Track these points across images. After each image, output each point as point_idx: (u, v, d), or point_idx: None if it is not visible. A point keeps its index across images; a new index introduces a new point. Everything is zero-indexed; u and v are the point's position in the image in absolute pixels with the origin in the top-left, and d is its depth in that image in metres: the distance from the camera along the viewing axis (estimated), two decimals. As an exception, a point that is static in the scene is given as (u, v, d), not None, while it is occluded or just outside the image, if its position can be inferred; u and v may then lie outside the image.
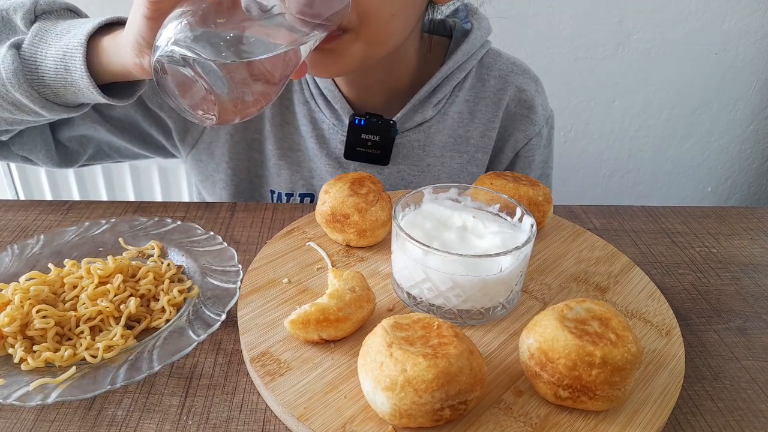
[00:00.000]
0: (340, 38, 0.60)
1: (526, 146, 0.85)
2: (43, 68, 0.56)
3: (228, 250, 0.59)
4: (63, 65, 0.56)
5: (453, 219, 0.56)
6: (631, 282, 0.58)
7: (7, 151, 0.71)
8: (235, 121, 0.47)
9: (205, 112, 0.45)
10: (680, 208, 0.79)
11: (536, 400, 0.44)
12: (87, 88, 0.56)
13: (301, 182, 0.83)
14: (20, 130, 0.70)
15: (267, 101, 0.48)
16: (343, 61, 0.63)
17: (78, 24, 0.58)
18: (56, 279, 0.53)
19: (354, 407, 0.42)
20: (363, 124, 0.76)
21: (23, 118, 0.61)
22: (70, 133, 0.74)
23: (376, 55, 0.65)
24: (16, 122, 0.63)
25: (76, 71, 0.55)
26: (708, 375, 0.51)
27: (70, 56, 0.55)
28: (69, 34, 0.57)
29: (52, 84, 0.57)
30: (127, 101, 0.61)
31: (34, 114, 0.60)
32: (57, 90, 0.58)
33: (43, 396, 0.42)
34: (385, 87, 0.78)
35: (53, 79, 0.57)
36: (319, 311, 0.46)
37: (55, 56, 0.56)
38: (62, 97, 0.59)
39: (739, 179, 1.86)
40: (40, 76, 0.57)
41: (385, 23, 0.62)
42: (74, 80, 0.56)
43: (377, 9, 0.60)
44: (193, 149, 0.83)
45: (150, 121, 0.79)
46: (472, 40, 0.77)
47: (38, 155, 0.72)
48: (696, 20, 1.56)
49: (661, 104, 1.69)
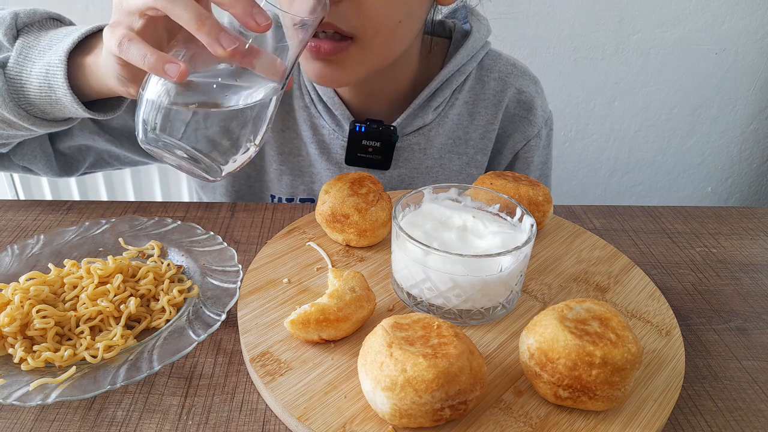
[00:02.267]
0: (347, 50, 0.60)
1: (524, 147, 0.85)
2: (29, 87, 0.56)
3: (228, 250, 0.59)
4: (46, 83, 0.55)
5: (453, 219, 0.56)
6: (631, 282, 0.58)
7: (9, 161, 0.71)
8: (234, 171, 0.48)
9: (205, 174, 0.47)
10: (680, 208, 0.79)
11: (536, 400, 0.44)
12: (71, 104, 0.55)
13: (302, 187, 0.83)
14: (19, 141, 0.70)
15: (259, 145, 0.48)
16: (350, 71, 0.63)
17: (60, 37, 0.56)
18: (56, 279, 0.53)
19: (354, 407, 0.42)
20: (363, 130, 0.76)
21: (16, 133, 0.61)
22: (70, 143, 0.74)
23: (383, 63, 0.65)
24: (10, 137, 0.63)
25: (59, 89, 0.54)
26: (708, 375, 0.51)
27: (52, 75, 0.54)
28: (51, 50, 0.55)
29: (37, 102, 0.56)
30: (114, 114, 0.61)
31: (26, 129, 0.60)
32: (43, 107, 0.57)
33: (43, 396, 0.42)
34: (387, 92, 0.78)
35: (38, 97, 0.56)
36: (319, 311, 0.46)
37: (38, 74, 0.55)
38: (50, 114, 0.58)
39: (739, 179, 1.86)
40: (26, 94, 0.56)
41: (392, 31, 0.61)
42: (58, 98, 0.55)
43: (383, 17, 0.59)
44: None
45: None
46: (472, 42, 0.77)
47: (38, 165, 0.72)
48: (696, 20, 1.56)
49: (661, 104, 1.69)
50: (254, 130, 0.46)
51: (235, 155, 0.46)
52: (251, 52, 0.44)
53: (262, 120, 0.46)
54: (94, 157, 0.80)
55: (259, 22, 0.42)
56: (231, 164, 0.46)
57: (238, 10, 0.41)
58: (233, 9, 0.42)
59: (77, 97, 0.55)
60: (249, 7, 0.42)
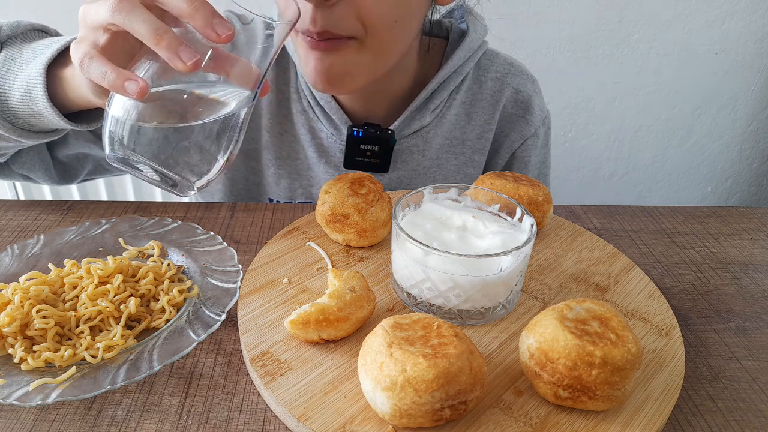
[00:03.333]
0: (346, 44, 0.60)
1: (522, 147, 0.85)
2: (12, 100, 0.56)
3: (228, 250, 0.59)
4: (28, 96, 0.55)
5: (453, 219, 0.56)
6: (631, 282, 0.58)
7: (8, 170, 0.71)
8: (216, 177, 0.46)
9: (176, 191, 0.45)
10: (680, 208, 0.79)
11: (536, 400, 0.44)
12: (52, 117, 0.55)
13: (300, 190, 0.83)
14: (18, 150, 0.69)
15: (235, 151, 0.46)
16: (353, 76, 0.63)
17: (41, 49, 0.56)
18: (56, 279, 0.53)
19: (354, 407, 0.42)
20: (361, 135, 0.76)
21: (7, 144, 0.61)
22: (67, 151, 0.74)
23: (384, 66, 0.65)
24: (2, 148, 0.63)
25: (39, 101, 0.54)
26: (708, 375, 0.51)
27: (32, 87, 0.54)
28: (32, 62, 0.55)
29: (21, 115, 0.57)
30: (98, 125, 0.60)
31: (15, 141, 0.60)
32: (28, 120, 0.57)
33: (43, 396, 0.42)
34: (385, 95, 0.78)
35: (21, 110, 0.56)
36: (319, 311, 0.46)
37: (20, 87, 0.55)
38: (35, 126, 0.58)
39: (739, 179, 1.86)
40: (11, 107, 0.56)
41: (388, 29, 0.61)
42: (40, 110, 0.55)
43: (378, 17, 0.59)
44: None
45: None
46: (469, 43, 0.76)
47: (38, 174, 0.72)
48: (696, 20, 1.56)
49: (661, 104, 1.69)
50: (225, 143, 0.44)
51: (206, 170, 0.44)
52: (220, 59, 0.43)
53: (234, 132, 0.44)
54: (92, 165, 0.79)
55: (221, 33, 0.40)
56: (203, 179, 0.45)
57: (198, 21, 0.40)
58: (193, 21, 0.41)
59: (58, 109, 0.55)
60: (209, 18, 0.40)
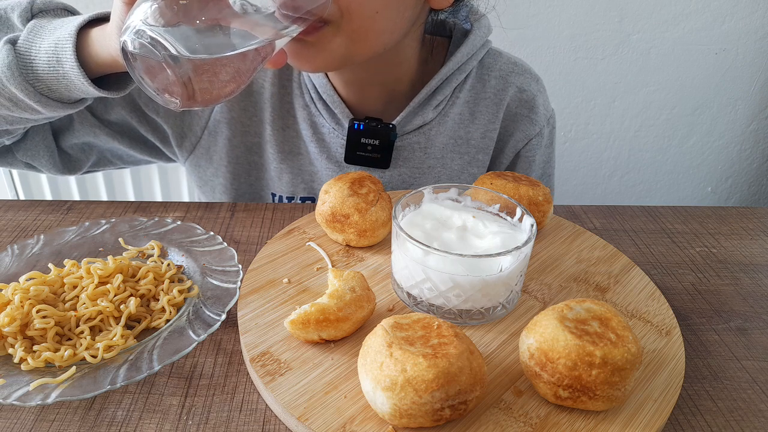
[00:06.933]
0: (322, 30, 0.60)
1: (526, 146, 0.85)
2: (37, 62, 0.57)
3: (228, 250, 0.59)
4: (55, 57, 0.56)
5: (453, 219, 0.56)
6: (631, 282, 0.58)
7: (11, 157, 0.72)
8: (197, 107, 0.47)
9: (170, 95, 0.45)
10: (680, 208, 0.79)
11: (536, 400, 0.44)
12: (78, 78, 0.56)
13: (302, 185, 0.83)
14: (23, 134, 0.69)
15: (233, 91, 0.48)
16: (325, 55, 0.62)
17: (71, 20, 0.59)
18: (56, 279, 0.53)
19: (354, 407, 0.42)
20: (362, 128, 0.76)
21: (21, 115, 0.62)
22: (72, 140, 0.75)
23: (360, 52, 0.64)
24: (15, 120, 0.63)
25: (66, 62, 0.56)
26: (708, 375, 0.51)
27: (61, 48, 0.56)
28: (62, 28, 0.58)
29: (45, 77, 0.58)
30: (120, 93, 0.62)
31: (32, 110, 0.60)
32: (50, 84, 0.58)
33: (43, 396, 0.42)
34: (384, 90, 0.78)
35: (46, 72, 0.57)
36: (319, 311, 0.46)
37: (47, 49, 0.57)
38: (56, 92, 0.59)
39: (739, 179, 1.86)
40: (35, 69, 0.57)
41: (368, 19, 0.61)
42: (66, 72, 0.57)
43: (358, 4, 0.59)
44: (191, 154, 0.83)
45: (147, 127, 0.79)
46: (472, 41, 0.77)
47: (41, 161, 0.73)
48: (696, 20, 1.56)
49: (661, 104, 1.69)
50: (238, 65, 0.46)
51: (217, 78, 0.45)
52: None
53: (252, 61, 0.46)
54: (96, 156, 0.80)
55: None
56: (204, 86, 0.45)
57: None
58: None
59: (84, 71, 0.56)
60: None
